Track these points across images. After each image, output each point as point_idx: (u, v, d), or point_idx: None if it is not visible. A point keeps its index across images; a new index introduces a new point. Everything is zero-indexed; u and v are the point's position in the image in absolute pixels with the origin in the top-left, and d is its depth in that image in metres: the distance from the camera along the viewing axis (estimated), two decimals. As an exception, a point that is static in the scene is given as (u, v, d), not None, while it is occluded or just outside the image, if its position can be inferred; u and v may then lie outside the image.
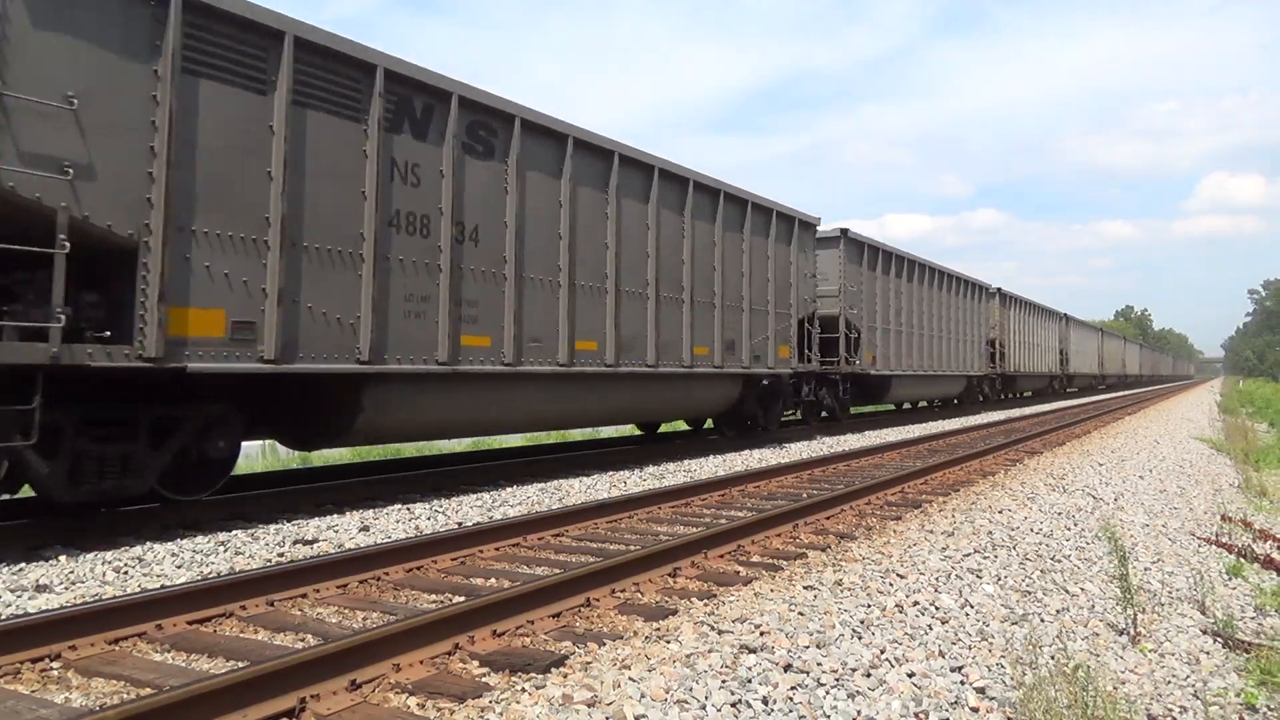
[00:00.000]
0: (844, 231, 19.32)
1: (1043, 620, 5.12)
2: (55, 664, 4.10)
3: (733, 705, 3.55)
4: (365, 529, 7.43)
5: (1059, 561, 6.56)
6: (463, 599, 5.11)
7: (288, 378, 7.87)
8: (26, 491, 8.44)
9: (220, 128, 7.19)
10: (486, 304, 9.60)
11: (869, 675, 3.99)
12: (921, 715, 3.68)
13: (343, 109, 8.18)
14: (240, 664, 4.01)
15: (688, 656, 3.99)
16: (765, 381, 15.72)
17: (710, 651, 4.05)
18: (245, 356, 7.31)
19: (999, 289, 31.22)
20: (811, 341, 17.22)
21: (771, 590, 5.30)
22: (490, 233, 9.69)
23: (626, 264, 11.86)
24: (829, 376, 18.50)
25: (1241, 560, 7.18)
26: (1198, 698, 4.28)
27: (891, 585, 5.44)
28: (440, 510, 8.33)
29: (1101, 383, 54.70)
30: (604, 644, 4.33)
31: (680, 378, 13.16)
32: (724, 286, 14.01)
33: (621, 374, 11.75)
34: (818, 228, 17.44)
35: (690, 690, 3.62)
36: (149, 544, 6.66)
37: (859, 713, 3.63)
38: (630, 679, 3.70)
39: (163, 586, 5.35)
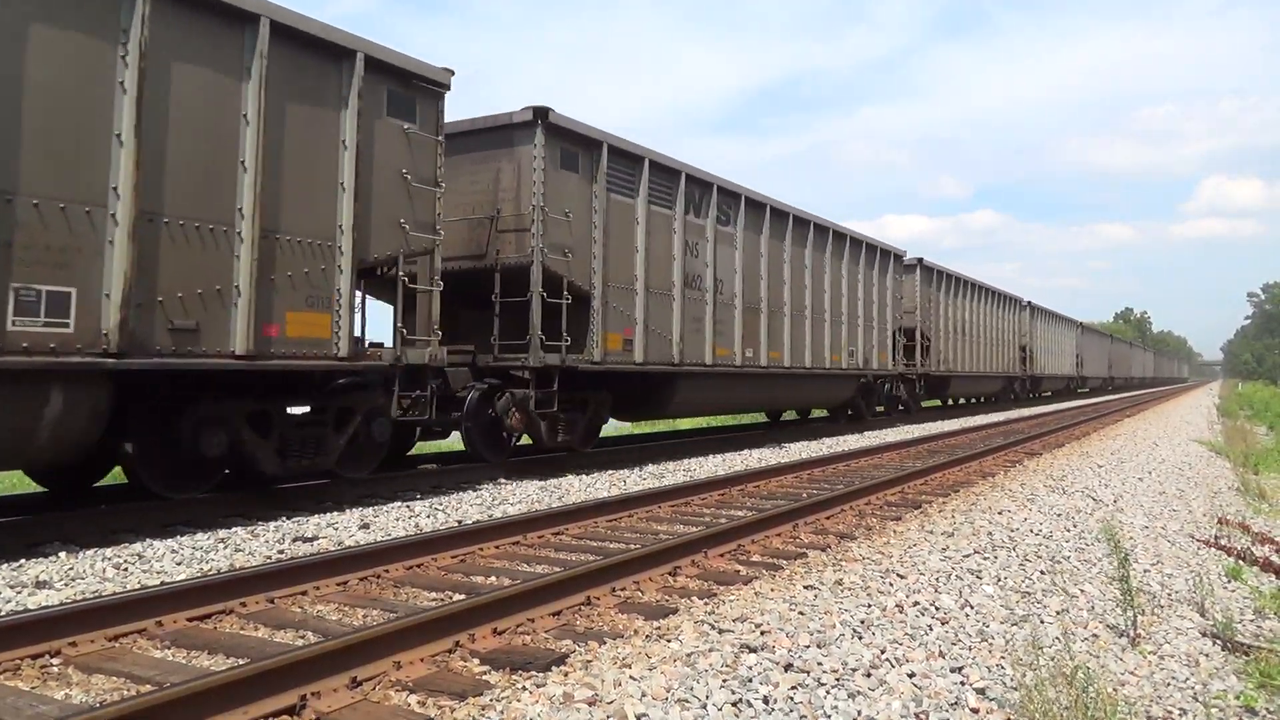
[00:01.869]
0: (920, 260, 24.15)
1: (1043, 621, 5.12)
2: (55, 660, 4.10)
3: (733, 704, 3.55)
4: (365, 526, 7.43)
5: (1059, 563, 6.56)
6: (463, 597, 5.10)
7: (639, 373, 12.34)
8: (23, 486, 8.42)
9: (617, 222, 11.89)
10: (725, 326, 14.33)
11: (869, 675, 3.99)
12: (922, 715, 3.68)
13: (665, 203, 12.94)
14: (241, 661, 4.01)
15: (688, 655, 3.99)
16: (863, 380, 20.09)
17: (711, 651, 4.05)
18: (629, 361, 11.99)
19: (1030, 302, 35.75)
20: (897, 348, 21.74)
21: (772, 590, 5.30)
22: (727, 276, 14.48)
23: (794, 293, 16.60)
24: (907, 376, 23.03)
25: (1240, 563, 7.18)
26: (1197, 700, 4.28)
27: (892, 585, 5.44)
28: (440, 508, 8.33)
29: (1110, 384, 57.15)
30: (604, 643, 4.33)
31: (824, 377, 18.20)
32: (847, 307, 18.84)
33: (793, 374, 16.75)
34: (904, 258, 22.46)
35: (691, 689, 3.62)
36: (149, 541, 6.66)
37: (859, 713, 3.63)
38: (631, 678, 3.70)
39: (163, 583, 5.35)
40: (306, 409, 8.42)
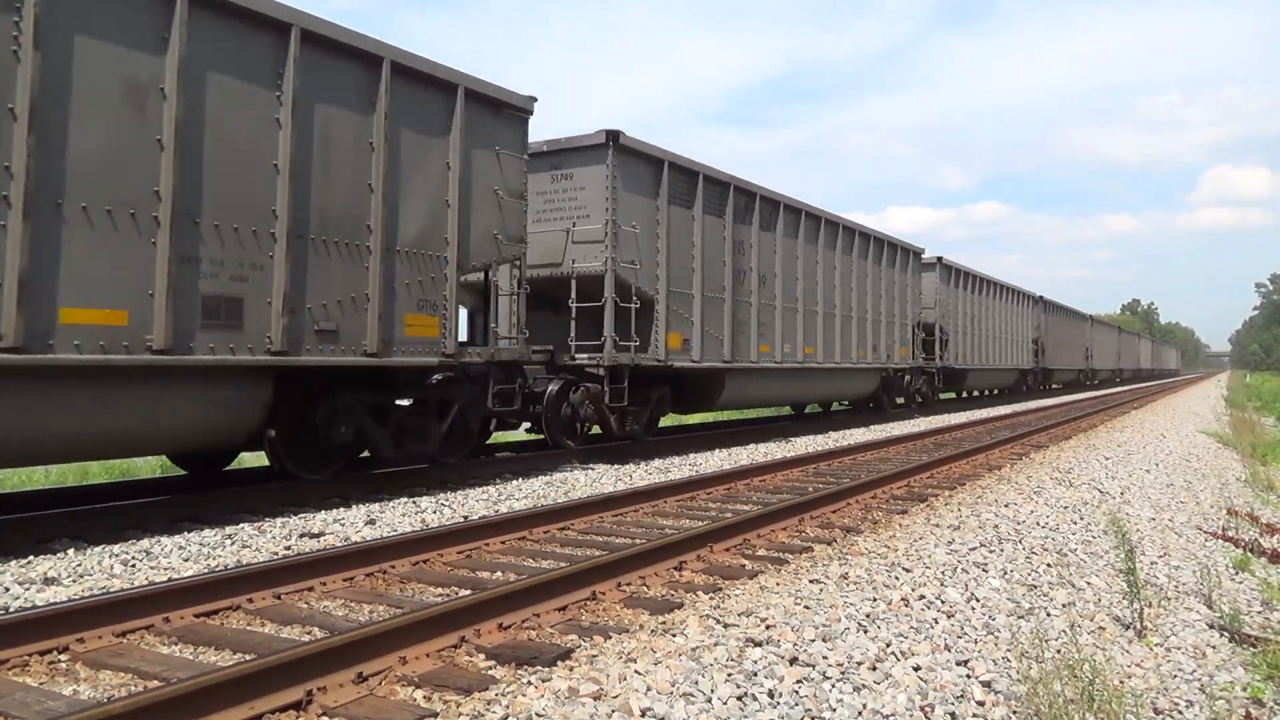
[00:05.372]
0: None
1: (1049, 614, 5.11)
2: (63, 656, 4.12)
3: (738, 698, 3.55)
4: (371, 522, 7.45)
5: (1065, 555, 6.55)
6: (469, 592, 5.11)
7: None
8: (30, 482, 8.44)
9: (954, 295, 25.95)
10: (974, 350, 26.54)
11: (875, 669, 3.99)
12: (927, 709, 3.68)
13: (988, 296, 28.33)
14: (247, 656, 4.02)
15: (693, 649, 3.99)
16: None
17: (716, 645, 4.05)
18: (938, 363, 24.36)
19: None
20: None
21: (777, 584, 5.30)
22: (982, 323, 26.59)
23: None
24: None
25: (1248, 554, 7.17)
26: (1204, 692, 4.27)
27: (897, 579, 5.43)
28: (446, 504, 8.35)
29: (1118, 376, 58.47)
30: (610, 637, 4.34)
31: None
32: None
33: (991, 370, 28.62)
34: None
35: (696, 683, 3.62)
36: (156, 537, 6.69)
37: (865, 706, 3.63)
38: (636, 672, 3.70)
39: (170, 579, 5.37)
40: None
